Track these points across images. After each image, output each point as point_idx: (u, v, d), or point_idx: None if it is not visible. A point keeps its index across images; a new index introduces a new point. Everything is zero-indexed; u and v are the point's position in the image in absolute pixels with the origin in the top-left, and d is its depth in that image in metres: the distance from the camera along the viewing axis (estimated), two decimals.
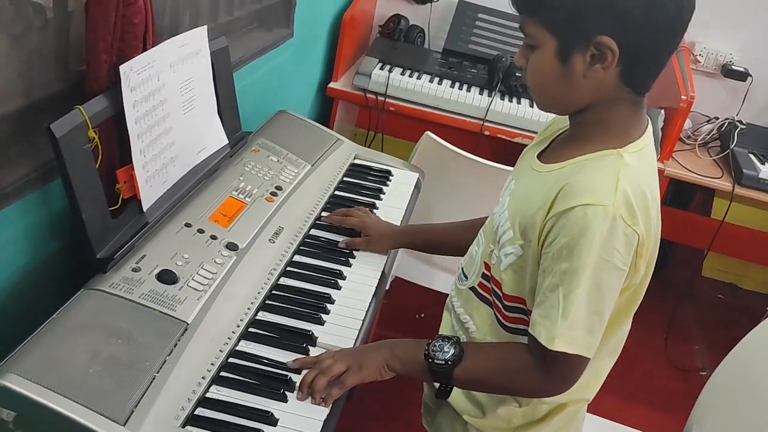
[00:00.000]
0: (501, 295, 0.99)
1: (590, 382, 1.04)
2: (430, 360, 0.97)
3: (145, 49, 1.07)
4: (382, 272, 1.24)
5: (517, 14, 0.93)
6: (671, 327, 2.42)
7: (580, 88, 0.90)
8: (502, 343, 1.01)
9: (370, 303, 1.15)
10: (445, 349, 0.97)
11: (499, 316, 1.01)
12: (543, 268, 0.90)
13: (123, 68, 1.00)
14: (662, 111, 2.17)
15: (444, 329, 1.14)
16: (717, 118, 2.43)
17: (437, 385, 1.03)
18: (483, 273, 1.04)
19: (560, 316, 0.87)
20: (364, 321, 1.10)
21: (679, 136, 2.31)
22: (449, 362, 0.96)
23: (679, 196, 2.64)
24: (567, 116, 0.99)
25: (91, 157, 0.98)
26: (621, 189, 0.86)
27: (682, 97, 2.11)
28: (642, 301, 1.00)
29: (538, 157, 1.01)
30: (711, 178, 2.23)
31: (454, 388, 1.03)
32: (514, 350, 0.96)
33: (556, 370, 0.92)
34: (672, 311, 2.42)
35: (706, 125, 2.43)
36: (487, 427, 1.07)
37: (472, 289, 1.06)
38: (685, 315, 2.63)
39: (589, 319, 0.88)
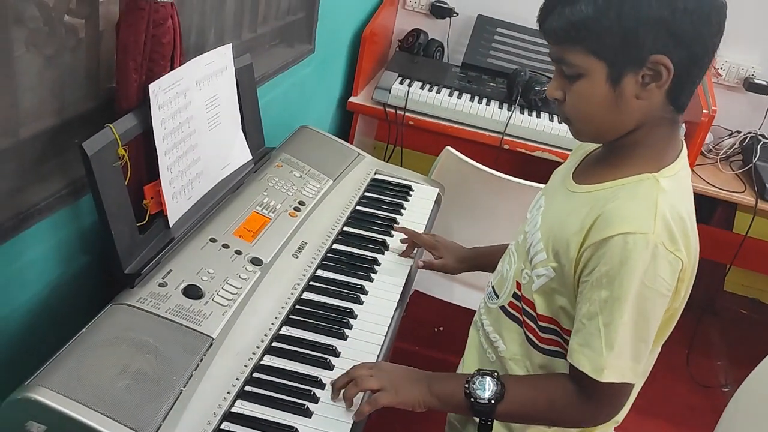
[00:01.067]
0: (535, 315, 0.98)
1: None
2: (472, 399, 0.94)
3: (172, 68, 1.09)
4: (404, 287, 1.25)
5: (538, 29, 0.93)
6: (693, 343, 2.40)
7: (630, 111, 0.89)
8: (544, 375, 1.00)
9: (392, 318, 1.16)
10: (486, 386, 0.95)
11: (531, 336, 1.00)
12: (582, 297, 0.90)
13: (152, 87, 1.03)
14: (683, 125, 2.16)
15: (470, 347, 1.13)
16: (739, 132, 2.42)
17: (477, 419, 1.00)
18: (514, 292, 1.03)
19: (604, 345, 0.86)
20: (386, 336, 1.11)
21: (701, 150, 2.30)
22: (492, 400, 0.94)
23: (701, 210, 2.58)
24: None
25: (121, 174, 1.00)
26: (660, 216, 0.86)
27: (704, 111, 2.10)
28: None
29: (571, 175, 1.00)
30: (733, 192, 2.21)
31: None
32: (558, 382, 0.95)
33: (604, 400, 0.91)
34: (694, 327, 2.40)
35: (728, 139, 2.42)
36: None
37: (502, 308, 1.05)
38: (707, 330, 2.60)
39: (635, 346, 0.87)
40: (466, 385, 0.95)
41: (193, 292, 1.02)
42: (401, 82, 2.25)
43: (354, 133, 2.33)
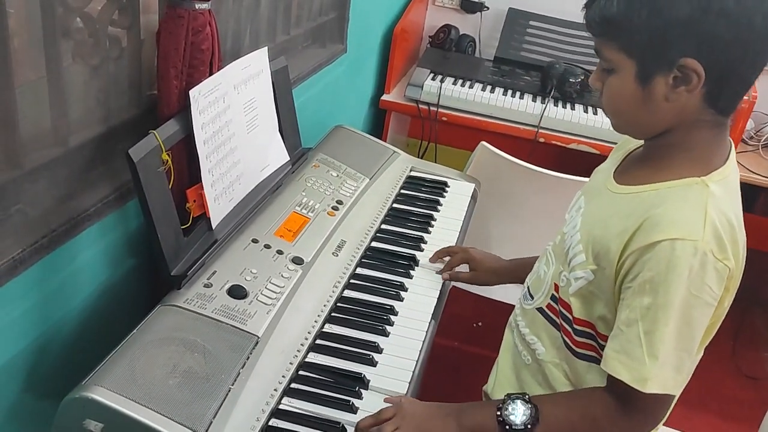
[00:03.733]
0: (571, 318, 0.97)
1: None
2: (507, 427, 0.91)
3: (211, 73, 1.11)
4: (443, 283, 1.26)
5: (574, 21, 0.93)
6: (739, 334, 2.35)
7: (660, 112, 0.87)
8: (578, 391, 0.98)
9: (433, 314, 1.17)
10: (519, 411, 0.92)
11: (567, 340, 0.98)
12: (623, 303, 0.88)
13: (192, 92, 1.05)
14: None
15: (505, 349, 1.12)
16: None
17: None
18: (552, 294, 1.01)
19: (647, 355, 0.84)
20: (427, 332, 1.12)
21: (742, 137, 2.24)
22: (528, 425, 0.91)
23: (743, 198, 2.56)
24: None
25: (165, 179, 1.03)
26: (710, 222, 0.83)
27: (744, 97, 2.05)
28: None
29: (612, 175, 0.98)
30: None
31: None
32: (594, 397, 0.92)
33: (647, 412, 0.89)
34: (739, 318, 2.35)
35: None
36: None
37: (540, 309, 1.03)
38: (753, 321, 2.55)
39: (678, 357, 0.85)
40: (498, 413, 0.92)
41: (237, 292, 1.04)
42: (433, 79, 2.25)
43: (387, 131, 2.34)
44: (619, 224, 0.89)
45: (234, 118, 1.19)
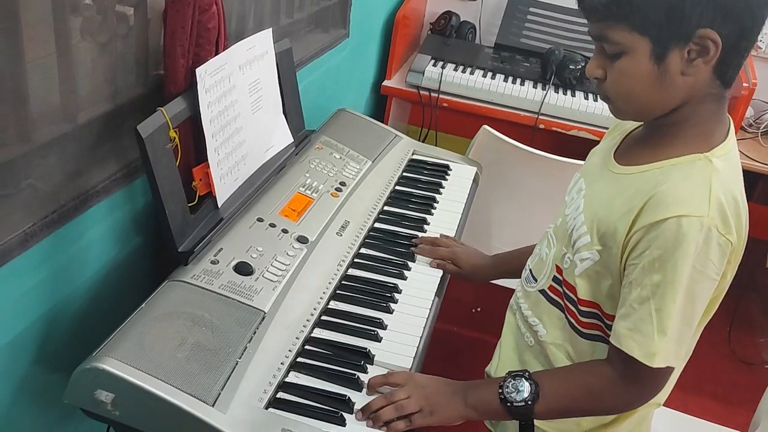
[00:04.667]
0: (576, 300, 0.97)
1: (665, 388, 1.01)
2: (508, 404, 0.94)
3: (217, 53, 1.12)
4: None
5: (574, 8, 0.90)
6: (735, 320, 2.38)
7: (675, 88, 0.87)
8: (579, 365, 0.99)
9: (436, 292, 1.18)
10: (520, 388, 0.94)
11: (573, 321, 0.99)
12: (629, 280, 0.88)
13: (199, 71, 1.06)
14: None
15: (507, 332, 1.13)
16: None
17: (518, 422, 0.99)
18: (554, 276, 1.02)
19: (656, 331, 0.85)
20: (430, 310, 1.13)
21: (741, 124, 2.26)
22: (529, 401, 0.93)
23: None
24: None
25: (172, 156, 1.04)
26: (714, 198, 0.84)
27: (744, 84, 2.07)
28: None
29: (612, 156, 0.98)
30: None
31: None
32: (595, 370, 0.94)
33: (649, 384, 0.91)
34: (735, 304, 2.37)
35: None
36: (555, 429, 1.05)
37: (542, 291, 1.04)
38: (749, 308, 2.58)
39: (680, 331, 0.87)
40: (500, 390, 0.94)
41: (243, 269, 1.05)
42: (434, 65, 2.26)
43: (388, 117, 2.35)
44: (625, 204, 0.89)
45: (239, 98, 1.19)
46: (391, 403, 0.92)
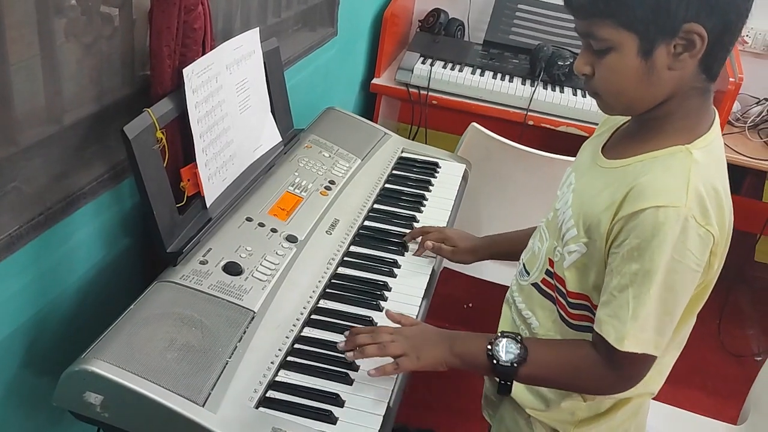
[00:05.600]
0: (565, 292, 0.99)
1: (656, 377, 1.03)
2: (494, 361, 0.96)
3: (204, 53, 1.12)
4: (436, 259, 1.27)
5: (560, 4, 0.92)
6: (724, 312, 2.39)
7: (662, 83, 0.88)
8: (567, 341, 1.01)
9: (426, 289, 1.19)
10: (509, 349, 0.96)
11: (563, 313, 1.01)
12: (611, 268, 0.90)
13: (186, 71, 1.06)
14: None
15: (504, 324, 1.14)
16: (766, 100, 2.38)
17: (497, 379, 1.01)
18: (547, 269, 1.03)
19: (630, 317, 0.87)
20: (420, 306, 1.14)
21: (728, 119, 2.27)
22: (514, 363, 0.95)
23: (729, 180, 2.60)
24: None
25: (160, 157, 1.03)
26: (693, 189, 0.85)
27: (730, 79, 2.08)
28: None
29: (600, 150, 0.99)
30: (762, 160, 2.19)
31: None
32: (580, 348, 0.96)
33: (624, 370, 0.92)
34: (725, 296, 2.39)
35: (755, 107, 2.39)
36: (550, 420, 1.06)
37: (535, 285, 1.06)
38: (738, 300, 2.59)
39: (659, 319, 0.88)
40: (489, 347, 0.97)
41: (232, 269, 1.05)
42: (423, 62, 2.26)
43: (378, 115, 2.35)
44: (609, 197, 0.91)
45: (227, 98, 1.19)
46: (374, 338, 0.96)
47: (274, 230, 1.17)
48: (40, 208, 0.91)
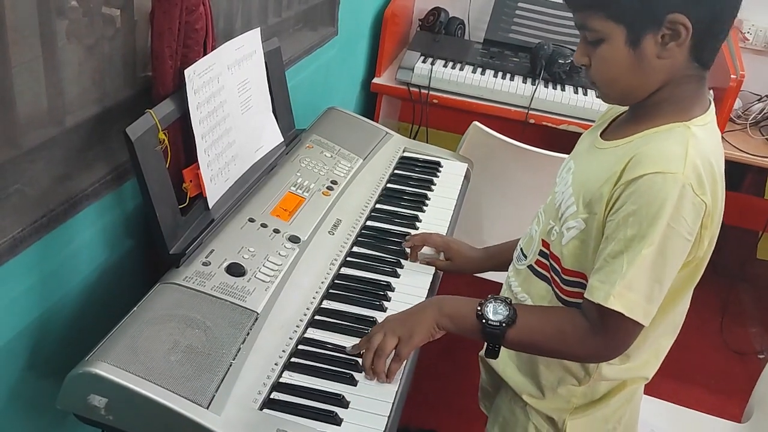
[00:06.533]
0: (560, 270, 1.00)
1: (650, 361, 1.05)
2: (483, 321, 0.97)
3: (205, 53, 1.11)
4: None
5: (560, 2, 0.95)
6: (726, 310, 2.39)
7: (653, 71, 0.91)
8: (556, 307, 1.02)
9: (429, 288, 1.19)
10: (499, 310, 0.98)
11: (557, 291, 1.02)
12: (606, 235, 0.92)
13: (187, 72, 1.05)
14: (711, 91, 2.14)
15: None
16: None
17: (485, 344, 1.02)
18: (540, 250, 1.05)
19: (620, 278, 0.88)
20: None
21: (729, 116, 2.27)
22: (503, 323, 0.97)
23: (730, 177, 2.55)
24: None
25: (162, 158, 1.03)
26: (690, 158, 0.88)
27: (732, 76, 2.08)
28: (697, 284, 1.00)
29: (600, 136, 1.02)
30: (763, 157, 2.18)
31: (511, 364, 1.05)
32: (569, 314, 0.97)
33: (610, 333, 0.93)
34: (727, 295, 2.39)
35: (756, 104, 2.38)
36: (546, 407, 1.08)
37: (530, 267, 1.07)
38: (740, 298, 2.59)
39: (649, 285, 0.89)
40: (479, 308, 0.98)
41: (235, 270, 1.05)
42: (424, 61, 2.26)
43: (379, 114, 2.34)
44: (609, 170, 0.93)
45: (228, 98, 1.19)
46: (371, 349, 0.97)
47: (276, 231, 1.17)
48: (43, 211, 0.91)
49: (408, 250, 1.26)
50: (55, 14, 0.90)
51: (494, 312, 0.98)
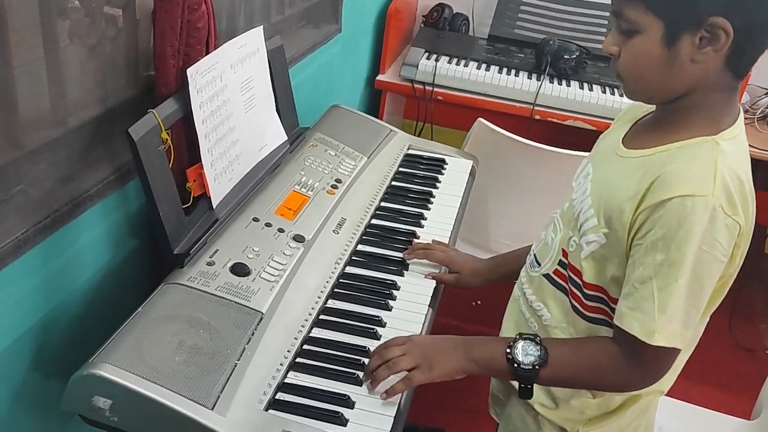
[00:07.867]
0: (581, 283, 0.97)
1: (668, 375, 1.00)
2: (515, 365, 0.94)
3: (208, 52, 1.11)
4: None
5: None
6: (736, 307, 2.37)
7: (683, 74, 0.87)
8: (587, 339, 0.99)
9: (435, 287, 1.18)
10: (530, 351, 0.94)
11: (577, 305, 0.99)
12: (633, 260, 0.88)
13: (190, 71, 1.05)
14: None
15: (508, 321, 1.13)
16: None
17: (518, 384, 0.99)
18: (560, 260, 1.02)
19: (657, 309, 0.85)
20: (429, 305, 1.13)
21: None
22: (536, 365, 0.93)
23: None
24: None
25: (165, 158, 1.03)
26: (720, 178, 0.84)
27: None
28: None
29: (621, 141, 0.98)
30: None
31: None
32: (602, 346, 0.94)
33: (650, 364, 0.90)
34: (737, 291, 2.35)
35: (764, 98, 2.36)
36: (559, 418, 1.05)
37: (546, 276, 1.04)
38: (749, 295, 2.57)
39: (686, 312, 0.86)
40: (508, 350, 0.95)
41: (240, 270, 1.05)
42: (428, 58, 2.25)
43: (383, 111, 2.34)
44: (632, 187, 0.89)
45: (231, 97, 1.18)
46: (385, 362, 0.94)
47: (281, 230, 1.16)
48: (47, 211, 0.91)
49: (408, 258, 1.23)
50: (56, 15, 0.89)
51: (525, 353, 0.94)
